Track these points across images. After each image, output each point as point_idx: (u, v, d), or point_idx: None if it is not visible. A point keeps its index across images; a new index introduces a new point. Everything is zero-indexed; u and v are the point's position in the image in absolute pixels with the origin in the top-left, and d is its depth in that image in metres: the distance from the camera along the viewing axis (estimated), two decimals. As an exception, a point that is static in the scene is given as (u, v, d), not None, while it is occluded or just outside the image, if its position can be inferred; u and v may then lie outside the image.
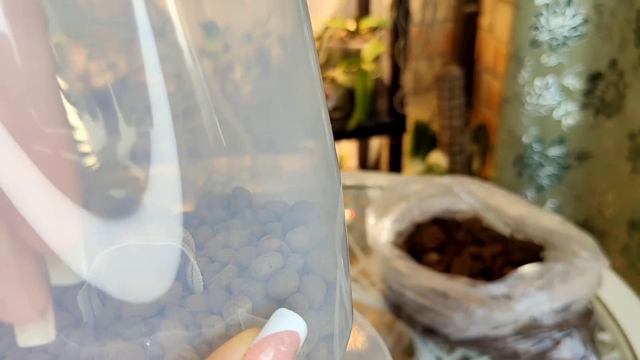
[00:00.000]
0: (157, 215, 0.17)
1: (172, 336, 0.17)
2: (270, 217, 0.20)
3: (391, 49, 1.12)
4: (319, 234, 0.19)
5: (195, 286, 0.17)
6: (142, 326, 0.17)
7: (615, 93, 0.78)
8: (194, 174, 0.19)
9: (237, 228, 0.19)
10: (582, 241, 0.48)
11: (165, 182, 0.16)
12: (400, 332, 0.53)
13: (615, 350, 0.49)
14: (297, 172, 0.21)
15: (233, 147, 0.19)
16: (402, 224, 0.54)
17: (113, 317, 0.17)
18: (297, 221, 0.19)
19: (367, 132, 1.19)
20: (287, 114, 0.20)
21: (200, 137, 0.18)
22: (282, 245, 0.18)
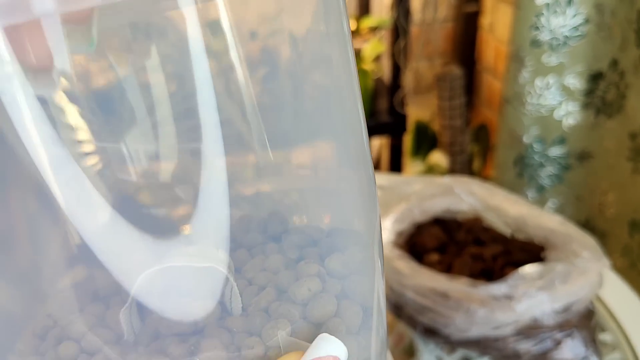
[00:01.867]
0: (202, 236, 0.17)
1: (212, 357, 0.17)
2: (306, 242, 0.20)
3: (391, 48, 1.11)
4: (355, 259, 0.20)
5: (234, 308, 0.18)
6: (184, 345, 0.17)
7: (616, 93, 0.78)
8: (236, 195, 0.19)
9: (274, 252, 0.19)
10: (583, 241, 0.48)
11: (213, 204, 0.17)
12: (400, 332, 0.53)
13: (616, 350, 0.48)
14: (336, 198, 0.21)
15: (275, 172, 0.19)
16: (403, 224, 0.54)
17: (152, 335, 0.17)
18: (333, 247, 0.20)
19: (367, 131, 1.19)
20: (333, 142, 0.20)
21: (245, 162, 0.18)
22: (320, 270, 0.19)
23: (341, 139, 0.21)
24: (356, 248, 0.20)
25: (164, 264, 0.17)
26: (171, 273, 0.17)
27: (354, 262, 0.20)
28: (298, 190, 0.21)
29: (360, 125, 0.20)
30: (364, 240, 0.20)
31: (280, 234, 0.20)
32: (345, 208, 0.21)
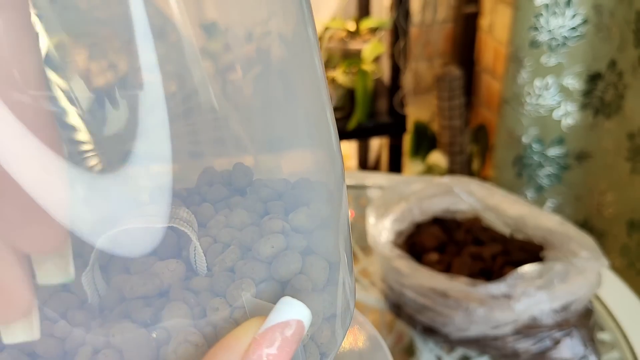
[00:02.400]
0: (148, 171, 0.17)
1: (177, 319, 0.17)
2: (271, 195, 0.19)
3: (391, 49, 1.12)
4: (321, 214, 0.19)
5: (199, 267, 0.17)
6: (147, 309, 0.17)
7: (614, 93, 0.78)
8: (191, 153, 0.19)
9: (238, 206, 0.19)
10: (581, 241, 0.48)
11: (155, 138, 0.16)
12: (400, 331, 0.53)
13: (614, 349, 0.49)
14: (300, 155, 0.21)
15: (234, 145, 0.19)
16: (402, 224, 0.54)
17: (117, 298, 0.17)
18: (299, 200, 0.19)
19: (367, 132, 1.19)
20: (291, 107, 0.20)
21: (200, 129, 0.18)
22: (285, 226, 0.18)
23: (302, 97, 0.20)
24: (321, 201, 0.20)
25: (124, 225, 0.16)
26: (132, 233, 0.17)
27: (319, 216, 0.19)
28: (263, 141, 0.20)
29: (320, 84, 0.19)
30: (329, 193, 0.20)
31: (244, 187, 0.20)
32: (310, 160, 0.21)
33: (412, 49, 1.30)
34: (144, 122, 0.16)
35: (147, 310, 0.17)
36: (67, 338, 0.17)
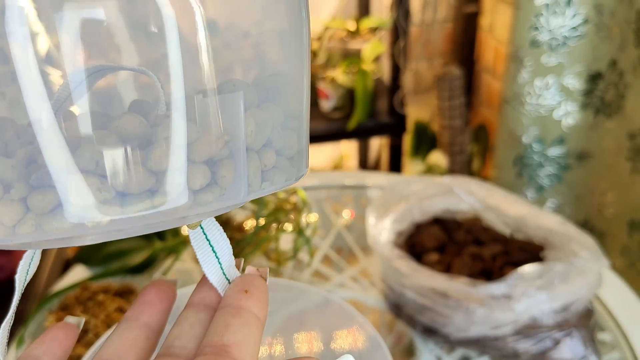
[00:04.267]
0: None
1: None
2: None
3: (391, 49, 1.12)
4: (284, 78, 0.21)
5: (160, 110, 0.18)
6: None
7: (615, 93, 0.78)
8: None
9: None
10: (582, 241, 0.48)
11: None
12: (400, 331, 0.53)
13: (615, 350, 0.49)
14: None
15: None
16: (402, 224, 0.54)
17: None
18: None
19: (367, 132, 1.19)
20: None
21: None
22: (245, 82, 0.19)
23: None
24: (281, 62, 0.21)
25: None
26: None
27: (281, 80, 0.20)
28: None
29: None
30: (290, 54, 0.21)
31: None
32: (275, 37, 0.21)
33: (412, 48, 1.30)
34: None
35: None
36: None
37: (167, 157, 0.17)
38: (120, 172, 0.16)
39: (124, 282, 0.51)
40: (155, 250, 0.56)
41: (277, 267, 0.54)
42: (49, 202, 0.16)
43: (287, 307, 0.37)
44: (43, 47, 0.16)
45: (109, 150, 0.16)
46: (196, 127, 0.17)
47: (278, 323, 0.38)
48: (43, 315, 0.48)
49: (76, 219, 0.16)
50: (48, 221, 0.16)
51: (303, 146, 0.21)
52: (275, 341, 0.39)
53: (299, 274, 0.58)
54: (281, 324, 0.38)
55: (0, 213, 0.16)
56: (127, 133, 0.16)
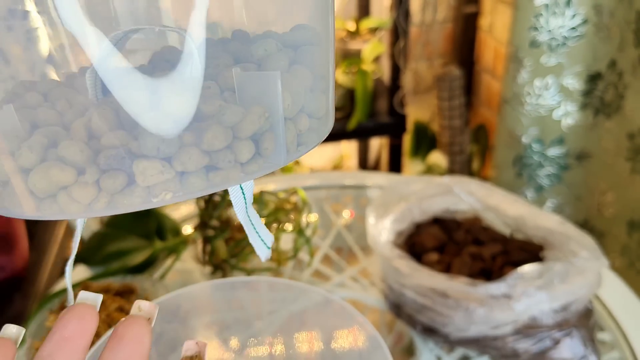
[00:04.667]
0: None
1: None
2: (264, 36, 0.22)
3: (391, 49, 1.12)
4: (310, 33, 0.22)
5: (194, 72, 0.19)
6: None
7: (614, 93, 0.78)
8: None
9: (234, 44, 0.21)
10: (581, 241, 0.48)
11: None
12: (400, 331, 0.53)
13: (614, 349, 0.49)
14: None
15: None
16: (402, 224, 0.54)
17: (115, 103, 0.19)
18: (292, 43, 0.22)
19: (367, 132, 1.19)
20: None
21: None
22: (277, 43, 0.21)
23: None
24: (311, 21, 0.22)
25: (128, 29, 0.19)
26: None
27: (309, 34, 0.22)
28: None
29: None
30: (317, 17, 0.23)
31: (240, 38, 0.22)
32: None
33: (412, 49, 1.30)
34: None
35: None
36: (66, 112, 0.19)
37: (217, 138, 0.19)
38: (178, 155, 0.18)
39: (125, 282, 0.51)
40: (156, 250, 0.56)
41: (277, 267, 0.54)
42: (119, 184, 0.18)
43: (288, 306, 0.37)
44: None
45: (167, 136, 0.18)
46: (241, 108, 0.19)
47: (278, 323, 0.38)
48: (44, 315, 0.48)
49: (143, 197, 0.18)
50: (119, 199, 0.18)
51: (330, 104, 0.23)
52: (276, 341, 0.39)
53: (299, 273, 0.58)
54: (281, 323, 0.38)
55: (77, 194, 0.18)
56: (182, 120, 0.19)
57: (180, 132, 0.18)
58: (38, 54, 0.19)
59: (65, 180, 0.18)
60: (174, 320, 0.37)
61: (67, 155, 0.18)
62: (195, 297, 0.36)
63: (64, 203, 0.18)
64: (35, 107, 0.19)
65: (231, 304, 0.38)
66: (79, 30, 0.17)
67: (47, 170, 0.18)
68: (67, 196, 0.18)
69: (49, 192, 0.18)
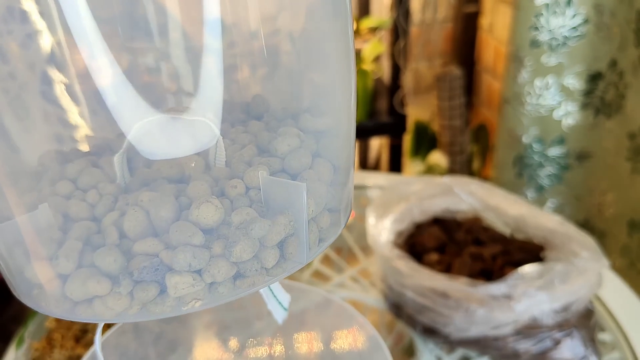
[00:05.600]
0: (197, 107, 0.20)
1: (199, 190, 0.19)
2: (286, 115, 0.22)
3: (391, 49, 1.12)
4: (332, 123, 0.22)
5: (218, 160, 0.20)
6: (171, 185, 0.19)
7: (615, 93, 0.78)
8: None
9: (255, 126, 0.22)
10: (582, 241, 0.48)
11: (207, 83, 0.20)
12: (400, 332, 0.53)
13: (615, 350, 0.49)
14: (315, 81, 0.24)
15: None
16: (402, 224, 0.54)
17: (143, 181, 0.20)
18: (311, 119, 0.22)
19: (367, 132, 1.19)
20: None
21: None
22: (300, 133, 0.21)
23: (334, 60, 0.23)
24: (332, 112, 0.23)
25: (157, 115, 0.19)
26: (163, 123, 0.19)
27: (328, 123, 0.22)
28: (279, 77, 0.23)
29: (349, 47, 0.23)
30: (339, 106, 0.23)
31: (262, 113, 0.22)
32: (325, 89, 0.24)
33: (412, 48, 1.30)
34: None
35: (171, 187, 0.19)
36: (97, 203, 0.20)
37: (245, 251, 0.19)
38: (208, 268, 0.19)
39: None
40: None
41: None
42: (152, 295, 0.19)
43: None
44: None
45: (198, 252, 0.19)
46: (268, 221, 0.20)
47: (278, 323, 0.38)
48: (43, 315, 0.48)
49: (174, 306, 0.19)
50: (151, 308, 0.19)
51: (349, 196, 0.24)
52: (275, 341, 0.39)
53: (299, 274, 0.58)
54: (281, 323, 0.38)
55: (111, 303, 0.19)
56: (211, 236, 0.19)
57: (205, 243, 0.19)
58: (68, 124, 0.20)
59: (100, 292, 0.19)
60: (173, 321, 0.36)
61: (103, 266, 0.19)
62: (195, 298, 0.36)
63: (99, 309, 0.19)
64: (68, 197, 0.20)
65: (231, 304, 0.38)
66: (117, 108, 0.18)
67: (84, 282, 0.19)
68: (101, 304, 0.19)
69: (84, 298, 0.19)
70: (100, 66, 0.17)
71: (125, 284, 0.19)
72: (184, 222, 0.19)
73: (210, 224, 0.19)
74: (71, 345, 0.43)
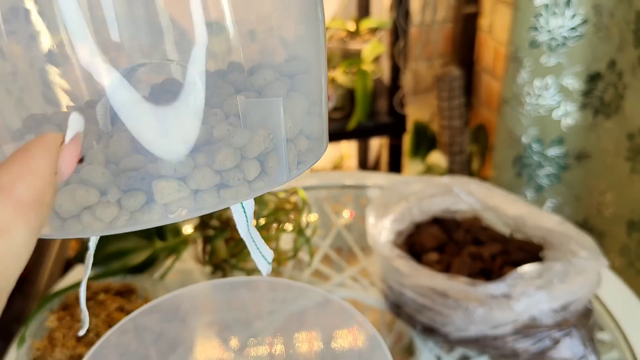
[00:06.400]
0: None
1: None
2: (261, 68, 0.24)
3: (391, 49, 1.12)
4: (304, 67, 0.24)
5: (198, 100, 0.21)
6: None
7: (614, 93, 0.78)
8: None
9: (233, 76, 0.23)
10: (581, 241, 0.48)
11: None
12: (400, 331, 0.53)
13: (614, 349, 0.49)
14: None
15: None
16: (402, 224, 0.54)
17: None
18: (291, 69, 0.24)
19: (367, 132, 1.20)
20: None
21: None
22: (275, 73, 0.23)
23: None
24: (303, 61, 0.24)
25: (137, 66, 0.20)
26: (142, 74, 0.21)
27: (300, 68, 0.24)
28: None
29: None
30: (311, 51, 0.25)
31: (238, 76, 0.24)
32: (297, 40, 0.25)
33: (412, 49, 1.30)
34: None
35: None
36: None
37: (228, 158, 0.21)
38: (193, 175, 0.20)
39: (125, 282, 0.51)
40: (156, 250, 0.56)
41: (277, 266, 0.54)
42: (139, 202, 0.20)
43: (287, 306, 0.37)
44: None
45: (183, 159, 0.20)
46: (248, 132, 0.21)
47: (278, 322, 0.38)
48: (44, 314, 0.48)
49: (161, 214, 0.20)
50: (139, 217, 0.20)
51: (324, 126, 0.26)
52: (276, 341, 0.39)
53: (299, 273, 0.58)
54: (281, 323, 0.38)
55: (100, 213, 0.20)
56: (197, 144, 0.21)
57: (189, 154, 0.20)
58: (51, 88, 0.21)
59: (89, 201, 0.20)
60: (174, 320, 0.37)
61: (90, 178, 0.20)
62: (195, 297, 0.36)
63: (88, 222, 0.20)
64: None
65: (231, 303, 0.38)
66: (93, 65, 0.19)
67: (73, 192, 0.20)
68: (90, 215, 0.20)
69: (73, 213, 0.20)
70: (75, 22, 0.18)
71: (113, 192, 0.20)
72: (168, 140, 0.20)
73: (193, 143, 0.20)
74: (72, 345, 0.43)
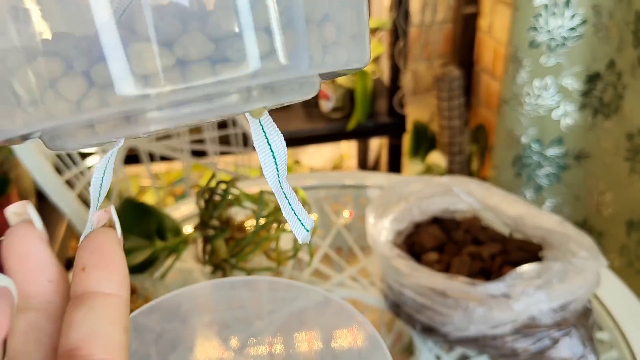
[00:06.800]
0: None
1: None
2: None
3: (391, 49, 1.12)
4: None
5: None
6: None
7: (613, 93, 0.78)
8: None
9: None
10: (580, 241, 0.48)
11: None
12: (399, 330, 0.54)
13: (613, 349, 0.49)
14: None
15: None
16: (402, 224, 0.54)
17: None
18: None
19: (366, 132, 1.20)
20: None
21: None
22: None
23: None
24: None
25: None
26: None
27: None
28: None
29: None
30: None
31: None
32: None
33: (412, 49, 1.30)
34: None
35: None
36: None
37: (224, 22, 0.17)
38: (178, 38, 0.16)
39: (125, 282, 0.51)
40: (156, 250, 0.56)
41: (277, 266, 0.54)
42: (111, 73, 0.16)
43: (287, 306, 0.37)
44: None
45: (165, 16, 0.16)
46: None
47: (278, 322, 0.39)
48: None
49: (139, 89, 0.16)
50: (111, 93, 0.16)
51: (363, 31, 0.21)
52: (275, 340, 0.39)
53: (299, 273, 0.59)
54: (281, 323, 0.38)
55: (65, 88, 0.16)
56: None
57: (176, 13, 0.16)
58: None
59: (52, 72, 0.16)
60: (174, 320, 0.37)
61: (54, 47, 0.16)
62: (195, 297, 0.36)
63: (51, 103, 0.16)
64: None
65: (231, 303, 0.38)
66: None
67: (33, 66, 0.16)
68: (53, 94, 0.16)
69: (35, 96, 0.17)
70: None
71: (81, 61, 0.16)
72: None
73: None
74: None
